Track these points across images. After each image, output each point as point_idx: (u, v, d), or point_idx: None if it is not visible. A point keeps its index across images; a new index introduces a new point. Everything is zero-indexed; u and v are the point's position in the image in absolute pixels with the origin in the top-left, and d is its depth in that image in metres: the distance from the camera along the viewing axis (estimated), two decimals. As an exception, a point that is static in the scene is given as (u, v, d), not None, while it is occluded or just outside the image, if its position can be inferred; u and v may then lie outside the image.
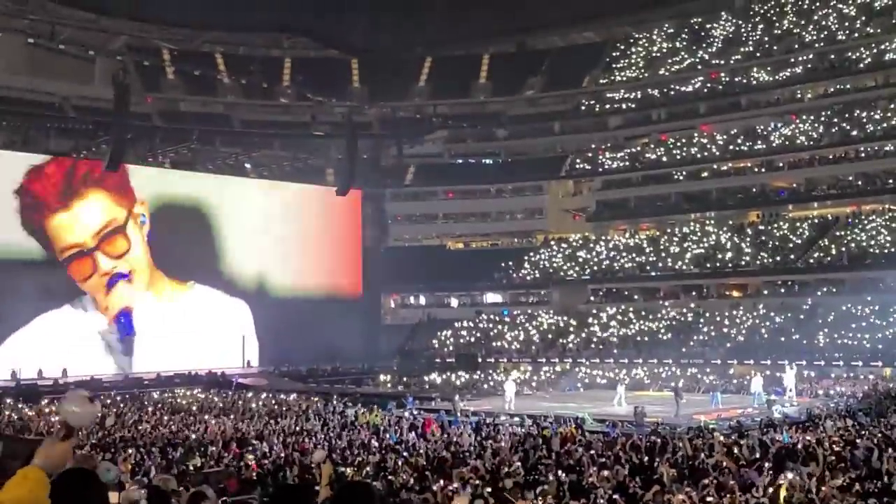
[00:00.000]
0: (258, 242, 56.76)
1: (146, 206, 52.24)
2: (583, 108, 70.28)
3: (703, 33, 70.12)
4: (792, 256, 54.35)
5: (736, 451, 18.66)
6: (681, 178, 63.06)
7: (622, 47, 72.39)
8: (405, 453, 20.86)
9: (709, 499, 13.21)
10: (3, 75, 53.43)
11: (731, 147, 61.80)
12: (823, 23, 63.71)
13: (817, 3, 65.67)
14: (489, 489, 13.46)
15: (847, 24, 62.16)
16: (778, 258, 54.66)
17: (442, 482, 14.91)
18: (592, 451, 19.63)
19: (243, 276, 56.73)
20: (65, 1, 54.18)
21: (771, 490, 13.54)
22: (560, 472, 16.61)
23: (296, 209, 58.83)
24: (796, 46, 63.11)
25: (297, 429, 27.51)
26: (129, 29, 59.71)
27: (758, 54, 64.62)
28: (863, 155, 56.96)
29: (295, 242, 58.12)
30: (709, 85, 65.58)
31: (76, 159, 51.47)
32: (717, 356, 48.63)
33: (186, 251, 53.36)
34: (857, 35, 60.61)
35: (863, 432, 21.81)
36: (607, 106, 69.28)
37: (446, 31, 65.10)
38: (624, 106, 68.64)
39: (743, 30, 68.18)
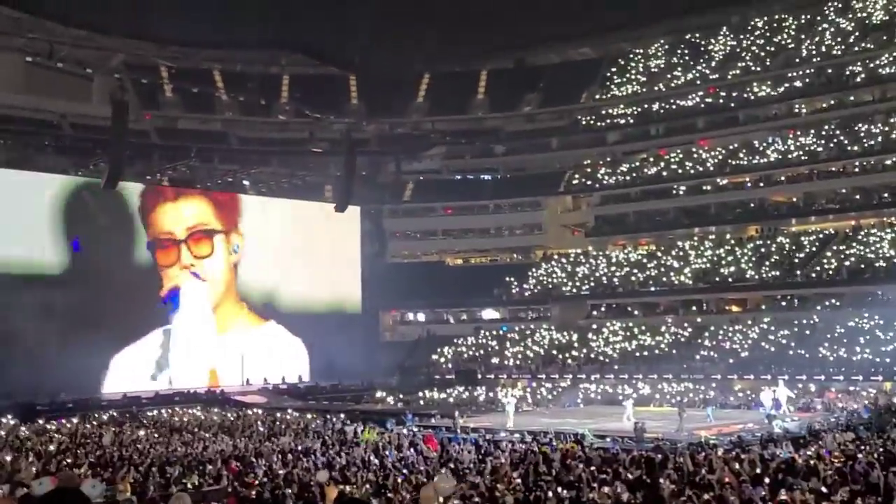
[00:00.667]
0: (257, 259, 56.73)
1: (243, 238, 55.54)
2: (581, 123, 70.40)
3: (700, 48, 70.34)
4: (792, 271, 54.30)
5: (737, 466, 18.56)
6: (680, 192, 63.07)
7: (621, 62, 72.60)
8: (405, 471, 20.74)
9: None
10: (2, 94, 53.52)
11: (729, 162, 61.86)
12: (820, 38, 63.95)
13: (817, 18, 65.93)
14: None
15: (843, 39, 62.40)
16: (778, 273, 54.60)
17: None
18: (593, 468, 19.52)
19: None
20: (63, 19, 54.38)
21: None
22: (560, 488, 16.51)
23: (294, 226, 58.80)
24: (794, 61, 63.31)
25: (297, 447, 27.36)
26: (127, 47, 59.90)
27: (755, 69, 64.81)
28: (858, 170, 56.99)
29: (293, 259, 58.03)
30: (707, 100, 65.73)
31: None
32: (718, 371, 48.50)
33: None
34: (854, 50, 60.83)
35: (863, 447, 21.71)
36: (605, 121, 69.41)
37: (444, 47, 65.35)
38: (622, 121, 68.76)
39: (741, 45, 68.42)
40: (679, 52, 71.08)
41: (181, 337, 52.01)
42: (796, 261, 55.01)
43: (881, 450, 20.65)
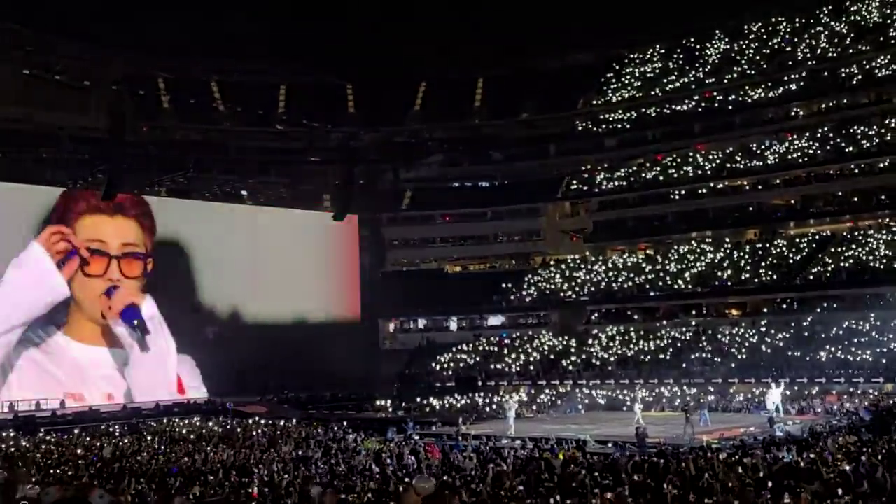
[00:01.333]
0: (256, 269, 56.69)
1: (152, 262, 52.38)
2: (578, 129, 70.44)
3: (696, 53, 70.49)
4: (790, 274, 54.32)
5: (739, 470, 18.53)
6: (677, 197, 63.15)
7: (616, 68, 72.73)
8: (406, 479, 20.69)
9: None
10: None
11: (727, 165, 61.94)
12: (815, 41, 64.09)
13: (811, 21, 66.09)
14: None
15: (838, 41, 62.53)
16: (776, 276, 54.63)
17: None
18: (595, 473, 19.47)
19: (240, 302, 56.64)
20: (61, 31, 54.42)
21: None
22: (562, 495, 16.46)
23: (293, 235, 58.78)
24: (789, 64, 63.43)
25: (297, 456, 27.32)
26: (125, 59, 59.91)
27: (751, 73, 64.92)
28: (855, 172, 57.09)
29: (293, 269, 58.01)
30: (703, 104, 65.82)
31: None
32: (717, 375, 48.48)
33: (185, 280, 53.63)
34: (849, 52, 60.94)
35: (865, 449, 21.67)
36: (602, 127, 69.47)
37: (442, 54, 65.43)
38: (619, 126, 68.82)
39: (736, 49, 68.54)
40: (675, 56, 71.23)
41: (156, 353, 48.49)
42: (791, 263, 55.05)
43: (884, 451, 20.62)
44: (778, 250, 56.94)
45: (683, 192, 63.02)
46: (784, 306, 54.26)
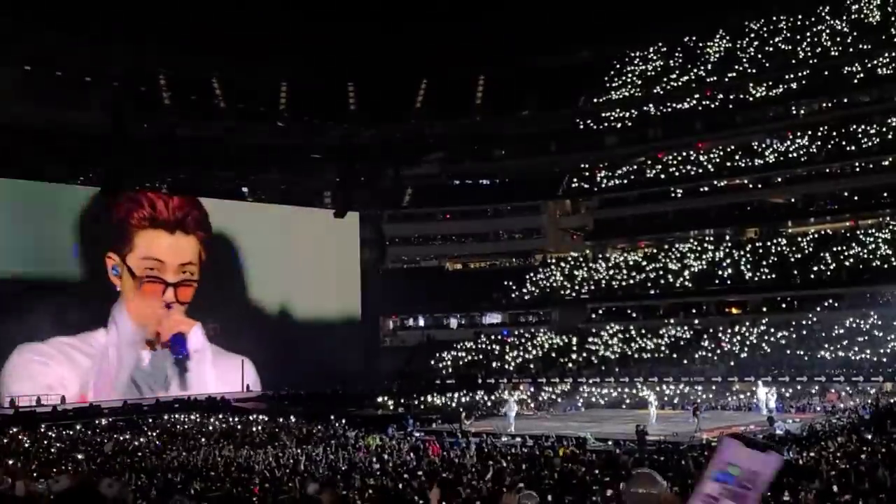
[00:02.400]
0: (256, 266, 56.74)
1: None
2: (579, 127, 70.36)
3: (697, 51, 70.43)
4: (791, 272, 54.30)
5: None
6: (678, 195, 63.14)
7: (617, 66, 72.66)
8: (406, 476, 20.72)
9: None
10: (0, 102, 53.50)
11: (727, 164, 61.92)
12: (816, 39, 64.04)
13: (811, 20, 66.04)
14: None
15: (840, 39, 62.49)
16: (776, 274, 54.59)
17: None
18: (595, 471, 19.51)
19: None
20: (62, 27, 54.42)
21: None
22: (562, 492, 16.50)
23: (293, 232, 58.78)
24: (790, 63, 63.37)
25: (298, 452, 27.36)
26: (126, 55, 59.89)
27: (752, 71, 64.88)
28: (858, 170, 57.11)
29: (293, 265, 58.02)
30: (704, 102, 65.77)
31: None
32: (717, 374, 48.47)
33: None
34: (850, 51, 60.89)
35: (865, 447, 21.70)
36: (603, 125, 69.41)
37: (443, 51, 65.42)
38: (620, 124, 68.78)
39: (737, 47, 68.48)
40: (676, 54, 71.16)
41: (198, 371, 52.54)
42: (792, 261, 55.04)
43: (884, 450, 20.65)
44: (778, 249, 56.90)
45: (684, 190, 62.99)
46: (784, 305, 54.19)
